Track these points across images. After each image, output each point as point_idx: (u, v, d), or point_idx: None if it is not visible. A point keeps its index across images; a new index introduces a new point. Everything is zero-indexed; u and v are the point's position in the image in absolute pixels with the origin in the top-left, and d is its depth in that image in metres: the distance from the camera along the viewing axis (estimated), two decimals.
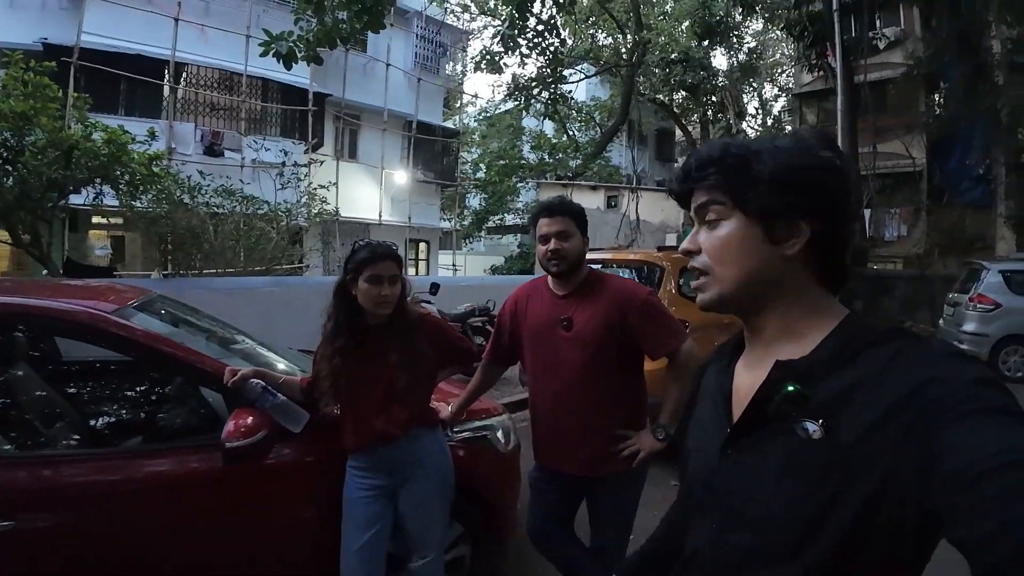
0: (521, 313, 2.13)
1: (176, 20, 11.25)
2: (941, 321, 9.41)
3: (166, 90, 11.69)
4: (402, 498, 1.97)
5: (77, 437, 2.06)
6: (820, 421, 0.66)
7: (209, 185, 7.04)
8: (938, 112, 15.36)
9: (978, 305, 8.06)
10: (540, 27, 9.18)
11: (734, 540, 0.74)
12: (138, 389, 2.33)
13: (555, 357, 1.99)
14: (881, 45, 17.39)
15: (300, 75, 12.71)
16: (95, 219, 11.18)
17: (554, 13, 9.47)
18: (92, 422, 2.17)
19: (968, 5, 12.04)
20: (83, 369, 2.56)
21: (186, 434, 2.04)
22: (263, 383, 1.89)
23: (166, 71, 11.51)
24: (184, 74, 12.16)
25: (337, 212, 11.54)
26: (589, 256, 2.13)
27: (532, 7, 8.39)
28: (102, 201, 6.58)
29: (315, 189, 10.32)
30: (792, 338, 0.75)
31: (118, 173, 6.06)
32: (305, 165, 11.98)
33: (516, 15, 8.25)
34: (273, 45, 5.68)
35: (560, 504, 2.14)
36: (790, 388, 0.69)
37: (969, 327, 7.97)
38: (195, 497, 1.89)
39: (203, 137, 11.91)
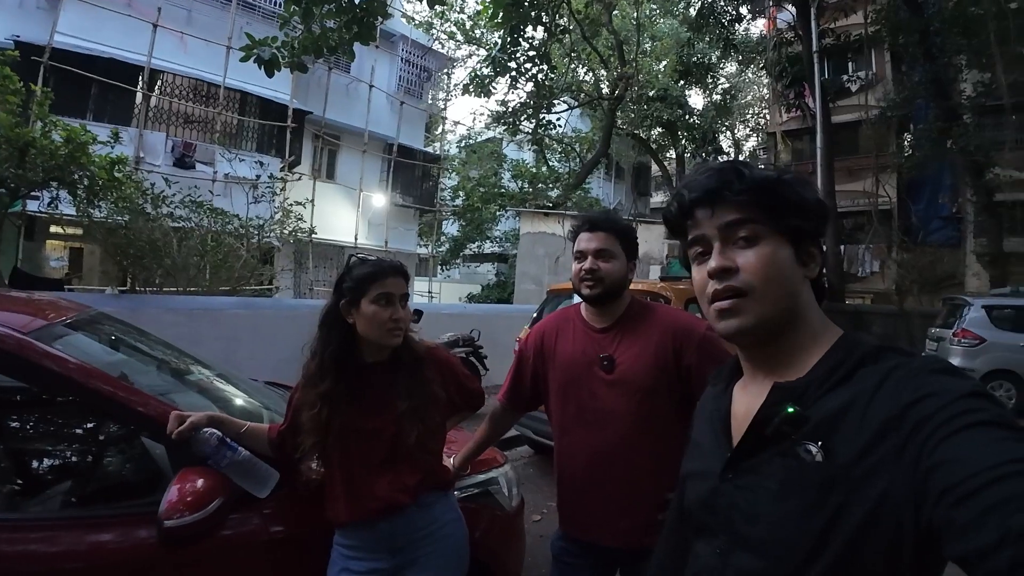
0: (549, 350, 1.75)
1: (155, 26, 10.80)
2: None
3: (138, 97, 11.14)
4: None
5: None
6: (819, 443, 0.66)
7: (175, 195, 6.52)
8: (909, 153, 15.77)
9: (962, 340, 8.05)
10: (531, 52, 9.08)
11: (738, 563, 0.73)
12: (54, 437, 1.83)
13: (593, 405, 1.61)
14: (854, 88, 17.97)
15: (281, 90, 12.35)
16: (53, 228, 10.50)
17: (544, 39, 9.38)
18: None
19: (940, 50, 12.43)
20: None
21: (115, 497, 1.56)
22: (219, 433, 1.45)
23: (140, 77, 10.99)
24: (159, 82, 11.64)
25: (312, 231, 11.05)
26: None
27: (524, 32, 8.27)
28: (58, 207, 6.02)
29: (291, 206, 9.85)
30: (790, 359, 0.76)
31: (76, 176, 5.53)
32: (281, 179, 11.49)
33: (508, 39, 8.11)
34: (255, 50, 5.35)
35: None
36: (789, 410, 0.69)
37: (955, 362, 7.85)
38: None
39: (174, 148, 11.34)
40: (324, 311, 1.55)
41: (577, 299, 1.81)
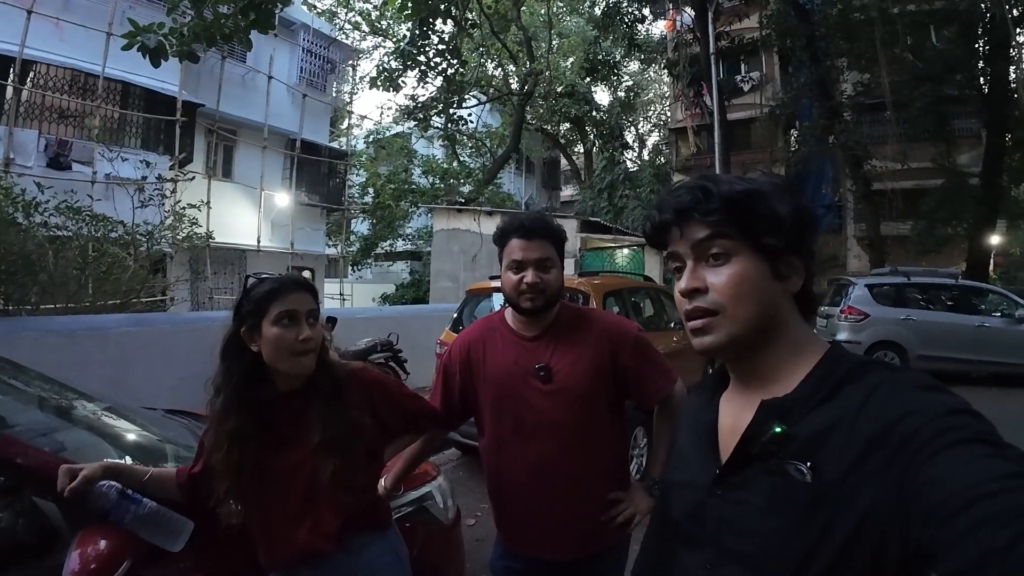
0: (476, 363, 1.67)
1: (29, 12, 9.53)
2: (815, 332, 10.47)
3: (9, 91, 9.77)
4: None
5: None
6: (808, 463, 0.67)
7: (49, 201, 5.81)
8: (796, 148, 17.14)
9: (849, 316, 8.81)
10: (441, 46, 8.93)
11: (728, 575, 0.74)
12: None
13: (532, 417, 1.56)
14: (746, 88, 19.27)
15: (168, 81, 11.34)
16: None
17: (454, 33, 9.24)
18: None
19: (824, 53, 13.57)
20: None
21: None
22: (118, 485, 1.27)
23: (11, 69, 9.64)
24: (31, 73, 10.25)
25: (209, 235, 10.20)
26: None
27: (433, 24, 8.12)
28: None
29: (183, 208, 9.05)
30: (778, 374, 0.76)
31: None
32: (171, 180, 10.53)
33: (418, 32, 7.94)
34: (139, 38, 4.85)
35: None
36: (777, 430, 0.70)
37: (842, 336, 8.56)
38: None
39: (47, 147, 10.06)
40: (224, 340, 1.37)
41: (497, 302, 1.75)
